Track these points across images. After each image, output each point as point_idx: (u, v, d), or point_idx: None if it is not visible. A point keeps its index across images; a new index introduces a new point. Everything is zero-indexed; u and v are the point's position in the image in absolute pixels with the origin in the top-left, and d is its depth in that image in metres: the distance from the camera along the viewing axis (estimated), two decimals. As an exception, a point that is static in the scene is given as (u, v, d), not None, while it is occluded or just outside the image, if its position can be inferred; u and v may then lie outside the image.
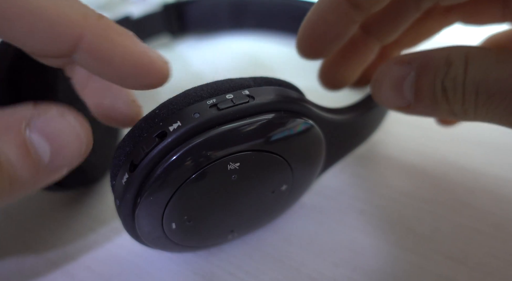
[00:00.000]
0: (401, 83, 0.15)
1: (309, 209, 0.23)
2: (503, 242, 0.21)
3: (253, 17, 0.41)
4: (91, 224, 0.23)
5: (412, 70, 0.15)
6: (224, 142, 0.15)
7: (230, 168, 0.15)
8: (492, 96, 0.13)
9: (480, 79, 0.13)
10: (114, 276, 0.20)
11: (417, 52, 0.16)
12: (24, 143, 0.12)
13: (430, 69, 0.15)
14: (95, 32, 0.12)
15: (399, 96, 0.16)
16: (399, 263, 0.20)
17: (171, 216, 0.16)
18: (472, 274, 0.19)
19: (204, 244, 0.20)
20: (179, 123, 0.14)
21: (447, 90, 0.14)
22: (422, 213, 0.22)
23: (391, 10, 0.20)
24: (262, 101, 0.15)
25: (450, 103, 0.14)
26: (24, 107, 0.12)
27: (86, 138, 0.13)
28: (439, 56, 0.15)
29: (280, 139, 0.16)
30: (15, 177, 0.12)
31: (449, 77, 0.14)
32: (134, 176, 0.14)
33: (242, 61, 0.37)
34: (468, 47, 0.14)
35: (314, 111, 0.17)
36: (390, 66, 0.16)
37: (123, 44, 0.13)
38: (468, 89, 0.14)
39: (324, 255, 0.20)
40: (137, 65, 0.13)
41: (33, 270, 0.20)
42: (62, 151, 0.13)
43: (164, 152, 0.14)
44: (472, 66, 0.14)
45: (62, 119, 0.13)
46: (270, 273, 0.20)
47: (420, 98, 0.15)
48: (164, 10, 0.40)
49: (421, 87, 0.15)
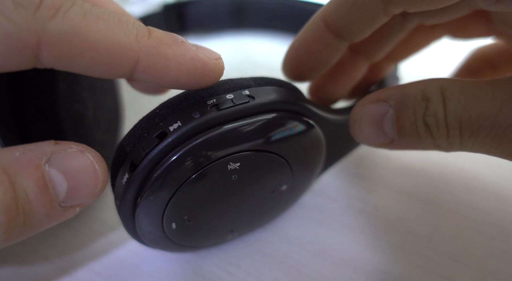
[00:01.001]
0: (381, 121, 0.15)
1: (309, 209, 0.23)
2: (503, 242, 0.21)
3: (253, 17, 0.41)
4: (91, 224, 0.23)
5: (390, 108, 0.15)
6: (225, 142, 0.15)
7: (230, 168, 0.15)
8: (477, 131, 0.13)
9: (462, 115, 0.13)
10: (114, 276, 0.20)
11: (392, 89, 0.15)
12: (42, 178, 0.12)
13: (409, 106, 0.15)
14: (149, 53, 0.13)
15: (381, 134, 0.16)
16: (399, 263, 0.20)
17: (171, 216, 0.16)
18: (472, 274, 0.19)
19: (204, 244, 0.20)
20: (179, 123, 0.14)
21: (430, 126, 0.14)
22: (422, 213, 0.22)
23: (376, 31, 0.20)
24: (262, 101, 0.15)
25: (434, 138, 0.14)
26: (46, 144, 0.12)
27: (102, 176, 0.13)
28: (414, 92, 0.14)
29: (280, 139, 0.16)
30: (30, 213, 0.12)
31: (429, 113, 0.14)
32: (134, 176, 0.14)
33: (242, 61, 0.37)
34: (441, 80, 0.14)
35: (314, 111, 0.17)
36: (366, 106, 0.16)
37: (175, 55, 0.13)
38: (452, 125, 0.14)
39: (324, 255, 0.20)
40: (191, 71, 0.13)
41: (33, 270, 0.20)
42: (78, 188, 0.13)
43: (164, 152, 0.14)
44: (450, 101, 0.14)
45: (81, 156, 0.13)
46: (270, 273, 0.20)
47: (403, 135, 0.15)
48: (164, 10, 0.40)
49: (403, 124, 0.15)
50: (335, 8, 0.16)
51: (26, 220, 0.12)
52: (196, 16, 0.42)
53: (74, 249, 0.21)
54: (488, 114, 0.13)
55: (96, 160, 0.13)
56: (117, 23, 0.12)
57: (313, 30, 0.17)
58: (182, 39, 0.14)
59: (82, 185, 0.13)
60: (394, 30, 0.20)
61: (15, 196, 0.11)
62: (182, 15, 0.41)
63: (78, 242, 0.22)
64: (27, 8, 0.11)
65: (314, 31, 0.17)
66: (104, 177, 0.13)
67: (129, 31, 0.12)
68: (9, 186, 0.11)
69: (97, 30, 0.12)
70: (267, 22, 0.41)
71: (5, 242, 0.12)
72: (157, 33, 0.13)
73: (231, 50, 0.40)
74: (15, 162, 0.12)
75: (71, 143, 0.13)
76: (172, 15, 0.41)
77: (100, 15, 0.12)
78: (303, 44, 0.18)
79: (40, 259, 0.21)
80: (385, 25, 0.20)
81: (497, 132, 0.13)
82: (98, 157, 0.13)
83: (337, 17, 0.16)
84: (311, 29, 0.17)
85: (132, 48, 0.12)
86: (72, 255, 0.21)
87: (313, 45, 0.17)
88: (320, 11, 0.17)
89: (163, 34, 0.13)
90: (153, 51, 0.13)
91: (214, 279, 0.20)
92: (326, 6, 0.17)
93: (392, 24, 0.20)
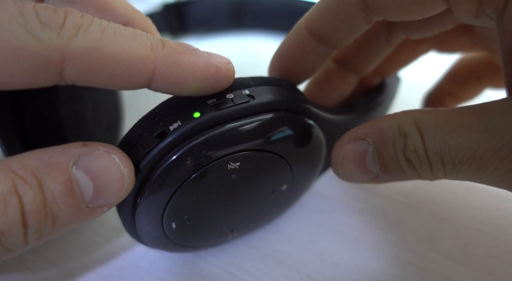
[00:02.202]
0: (363, 159, 0.16)
1: (309, 209, 0.23)
2: (503, 242, 0.21)
3: (253, 17, 0.41)
4: (91, 224, 0.23)
5: (369, 146, 0.15)
6: (224, 142, 0.15)
7: (230, 167, 0.15)
8: (458, 164, 0.13)
9: (441, 149, 0.13)
10: (114, 276, 0.20)
11: (368, 126, 0.16)
12: (69, 180, 0.12)
13: (387, 143, 0.15)
14: (164, 62, 0.13)
15: (365, 172, 0.16)
16: (399, 263, 0.20)
17: (171, 216, 0.16)
18: (472, 274, 0.19)
19: (204, 243, 0.20)
20: (179, 122, 0.14)
21: (412, 161, 0.14)
22: (422, 213, 0.22)
23: (362, 45, 0.21)
24: (262, 101, 0.15)
25: (418, 171, 0.15)
26: (73, 145, 0.13)
27: (128, 178, 0.14)
28: (390, 128, 0.15)
29: (280, 139, 0.16)
30: (57, 214, 0.12)
31: (409, 149, 0.14)
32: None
33: (242, 61, 0.37)
34: (414, 113, 0.14)
35: (314, 111, 0.17)
36: (346, 146, 0.16)
37: (189, 63, 0.14)
38: (433, 159, 0.14)
39: (324, 255, 0.20)
40: (206, 77, 0.14)
41: (33, 270, 0.20)
42: (104, 190, 0.13)
43: (164, 152, 0.14)
44: (427, 136, 0.14)
45: (107, 158, 0.13)
46: (270, 273, 0.20)
47: (387, 171, 0.15)
48: (164, 10, 0.40)
49: (385, 161, 0.15)
50: (318, 16, 0.17)
51: (54, 221, 0.12)
52: (196, 16, 0.42)
53: (74, 249, 0.21)
54: (467, 148, 0.13)
55: (122, 161, 0.13)
56: (133, 37, 0.13)
57: (297, 37, 0.17)
58: (194, 47, 0.14)
59: (108, 186, 0.13)
60: (381, 45, 0.20)
61: (43, 198, 0.12)
62: (181, 15, 0.41)
63: (78, 242, 0.22)
64: (52, 28, 0.12)
65: (298, 38, 0.17)
66: (130, 177, 0.14)
67: (144, 44, 0.13)
68: (38, 190, 0.12)
69: (116, 45, 0.12)
70: (267, 22, 0.41)
71: (37, 241, 0.13)
72: (170, 43, 0.14)
73: (231, 50, 0.40)
74: (43, 165, 0.12)
75: (98, 144, 0.13)
76: (172, 15, 0.41)
77: (117, 30, 0.13)
78: (288, 51, 0.18)
79: (40, 259, 0.21)
80: (372, 40, 0.20)
81: (478, 164, 0.13)
82: (124, 158, 0.14)
83: (320, 25, 0.16)
84: (295, 37, 0.18)
85: (149, 58, 0.13)
86: (72, 255, 0.21)
87: (297, 52, 0.18)
88: (303, 19, 0.17)
89: (176, 43, 0.14)
90: (168, 60, 0.13)
91: (214, 279, 0.20)
92: (309, 14, 0.17)
93: (379, 39, 0.20)
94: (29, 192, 0.12)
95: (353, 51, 0.21)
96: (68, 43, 0.12)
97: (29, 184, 0.12)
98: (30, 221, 0.12)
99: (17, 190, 0.11)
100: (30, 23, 0.11)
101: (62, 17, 0.12)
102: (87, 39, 0.12)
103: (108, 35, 0.12)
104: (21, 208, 0.12)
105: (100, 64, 0.12)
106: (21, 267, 0.20)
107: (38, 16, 0.12)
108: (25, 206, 0.12)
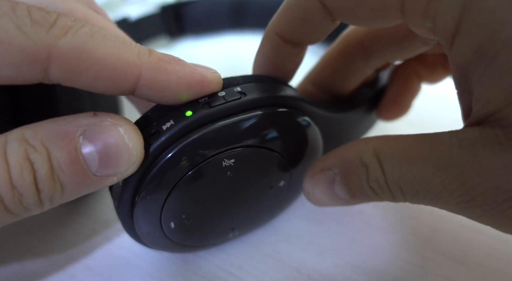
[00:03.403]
0: (332, 188, 0.16)
1: (309, 209, 0.23)
2: (503, 242, 0.21)
3: (252, 17, 0.41)
4: (91, 224, 0.23)
5: (336, 175, 0.16)
6: (217, 139, 0.15)
7: (225, 164, 0.16)
8: (416, 194, 0.14)
9: (399, 180, 0.14)
10: (114, 276, 0.20)
11: (334, 156, 0.16)
12: (75, 150, 0.13)
13: (351, 173, 0.15)
14: (150, 67, 0.14)
15: (335, 199, 0.17)
16: (399, 263, 0.20)
17: (169, 215, 0.16)
18: (472, 274, 0.19)
19: (205, 243, 0.20)
20: (172, 122, 0.14)
21: (375, 190, 0.15)
22: (422, 213, 0.22)
23: (341, 69, 0.21)
24: (254, 97, 0.15)
25: (382, 198, 0.15)
26: (84, 115, 0.14)
27: (135, 150, 0.14)
28: (353, 158, 0.15)
29: (273, 134, 0.16)
30: (65, 181, 0.13)
31: (371, 179, 0.15)
32: (130, 176, 0.15)
33: (242, 61, 0.37)
34: (374, 143, 0.15)
35: (308, 106, 0.17)
36: (314, 177, 0.17)
37: (174, 70, 0.14)
38: (394, 189, 0.14)
39: (324, 255, 0.20)
40: (191, 84, 0.14)
41: (34, 270, 0.20)
42: (109, 160, 0.13)
43: (158, 151, 0.14)
44: (386, 167, 0.14)
45: (113, 130, 0.13)
46: (270, 273, 0.20)
47: (355, 197, 0.16)
48: (162, 11, 0.40)
49: (352, 189, 0.16)
50: (284, 22, 0.17)
51: (62, 187, 0.13)
52: (194, 17, 0.42)
53: (75, 250, 0.21)
54: (421, 180, 0.13)
55: (127, 134, 0.14)
56: (121, 43, 0.13)
57: (270, 43, 0.18)
58: (179, 58, 0.15)
59: (113, 157, 0.13)
60: (358, 70, 0.21)
61: (51, 166, 0.13)
62: (179, 16, 0.41)
63: (79, 242, 0.22)
64: (42, 25, 0.12)
65: (271, 44, 0.18)
66: (138, 149, 0.14)
67: (131, 50, 0.13)
68: (46, 158, 0.13)
69: (103, 47, 0.13)
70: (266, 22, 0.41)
71: (50, 204, 0.14)
72: (156, 53, 0.14)
73: (231, 50, 0.40)
74: (52, 135, 0.13)
75: (108, 115, 0.14)
76: (170, 16, 0.41)
77: (106, 36, 0.13)
78: (266, 59, 0.18)
79: (41, 259, 0.21)
80: (349, 66, 0.21)
81: (432, 196, 0.13)
82: (130, 130, 0.14)
83: (289, 31, 0.17)
84: (268, 43, 0.18)
85: (134, 64, 0.13)
86: (72, 256, 0.21)
87: (275, 58, 0.18)
88: (271, 25, 0.17)
89: (162, 53, 0.14)
90: (153, 67, 0.14)
91: (214, 279, 0.20)
92: (276, 20, 0.17)
93: (357, 65, 0.20)
94: (39, 159, 0.13)
95: (332, 74, 0.21)
96: (56, 41, 0.12)
97: (38, 152, 0.13)
98: (40, 186, 0.13)
99: (29, 157, 0.12)
100: (21, 19, 0.12)
101: (54, 17, 0.12)
102: (76, 39, 0.12)
103: (97, 39, 0.13)
104: (33, 174, 0.13)
105: (86, 64, 0.13)
106: (21, 268, 0.20)
107: (29, 14, 0.12)
108: (36, 172, 0.13)
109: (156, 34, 0.41)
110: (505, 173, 0.12)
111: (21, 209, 0.13)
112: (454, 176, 0.12)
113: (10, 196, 0.13)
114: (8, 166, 0.12)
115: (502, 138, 0.12)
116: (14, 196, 0.13)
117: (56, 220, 0.23)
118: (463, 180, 0.12)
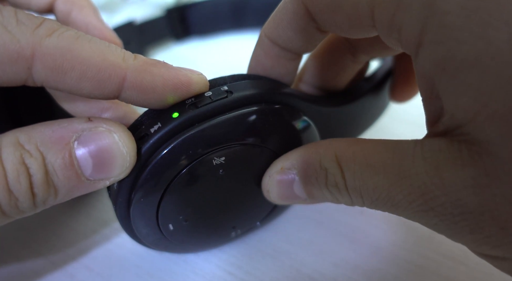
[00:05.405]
0: (291, 187, 0.16)
1: (309, 209, 0.23)
2: (503, 242, 0.21)
3: (255, 17, 0.42)
4: (91, 224, 0.23)
5: (295, 175, 0.16)
6: (204, 139, 0.15)
7: (215, 163, 0.16)
8: (375, 201, 0.14)
9: (360, 187, 0.14)
10: (114, 276, 0.20)
11: (294, 157, 0.16)
12: (69, 155, 0.13)
13: (311, 175, 0.15)
14: (135, 69, 0.14)
15: (294, 197, 0.17)
16: (399, 263, 0.20)
17: (166, 217, 0.16)
18: (472, 274, 0.19)
19: (208, 243, 0.20)
20: (159, 124, 0.14)
21: (334, 194, 0.15)
22: (422, 214, 0.22)
23: (331, 65, 0.21)
24: (240, 95, 0.15)
25: (340, 201, 0.15)
26: (78, 120, 0.14)
27: (129, 156, 0.14)
28: (313, 161, 0.15)
29: (261, 130, 0.16)
30: (59, 185, 0.13)
31: (330, 184, 0.15)
32: (123, 180, 0.15)
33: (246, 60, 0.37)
34: (335, 147, 0.15)
35: (299, 101, 0.17)
36: (274, 177, 0.17)
37: (160, 73, 0.14)
38: (353, 194, 0.14)
39: (324, 255, 0.20)
40: (177, 86, 0.14)
41: (33, 270, 0.20)
42: (103, 166, 0.14)
43: (147, 154, 0.14)
44: (347, 172, 0.14)
45: (107, 136, 0.14)
46: (270, 273, 0.20)
47: (313, 198, 0.16)
48: (167, 14, 0.41)
49: (310, 190, 0.16)
50: (272, 24, 0.17)
51: (56, 191, 0.14)
52: (199, 19, 0.42)
53: (75, 250, 0.21)
54: (382, 188, 0.13)
55: (122, 140, 0.14)
56: (107, 47, 0.14)
57: (263, 47, 0.18)
58: (165, 61, 0.15)
59: (107, 163, 0.14)
60: (347, 66, 0.21)
61: (46, 171, 0.13)
62: (184, 19, 0.42)
63: (79, 242, 0.22)
64: (27, 26, 0.12)
65: (263, 48, 0.18)
66: (132, 155, 0.14)
67: (117, 53, 0.14)
68: (41, 163, 0.13)
69: (88, 49, 0.13)
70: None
71: (43, 206, 0.14)
72: (142, 57, 0.14)
73: (235, 50, 0.40)
74: (47, 139, 0.13)
75: (102, 121, 0.14)
76: (175, 19, 0.41)
77: (92, 39, 0.13)
78: (259, 62, 0.18)
79: (41, 259, 0.21)
80: (337, 62, 0.21)
81: (391, 204, 0.13)
82: (125, 137, 0.14)
83: (275, 33, 0.17)
84: (261, 47, 0.18)
85: (119, 65, 0.13)
86: (72, 256, 0.21)
87: (264, 60, 0.18)
88: (263, 29, 0.18)
89: (147, 58, 0.14)
90: (139, 69, 0.14)
91: (214, 279, 0.20)
92: (267, 24, 0.17)
93: (345, 61, 0.21)
94: (34, 164, 0.13)
95: (321, 73, 0.21)
96: (41, 41, 0.12)
97: (34, 157, 0.13)
98: (36, 190, 0.13)
99: (25, 162, 0.13)
100: (7, 19, 0.12)
101: (40, 20, 0.13)
102: (60, 40, 0.13)
103: (82, 41, 0.13)
104: (29, 178, 0.13)
105: (71, 64, 0.13)
106: (21, 268, 0.20)
107: (15, 16, 0.12)
108: (32, 177, 0.13)
109: (162, 37, 0.41)
110: (462, 189, 0.12)
111: (16, 212, 0.13)
112: (416, 187, 0.13)
113: (7, 200, 0.13)
114: (4, 170, 0.12)
115: (465, 153, 0.12)
116: (11, 200, 0.13)
117: (56, 220, 0.23)
118: (423, 191, 0.12)
